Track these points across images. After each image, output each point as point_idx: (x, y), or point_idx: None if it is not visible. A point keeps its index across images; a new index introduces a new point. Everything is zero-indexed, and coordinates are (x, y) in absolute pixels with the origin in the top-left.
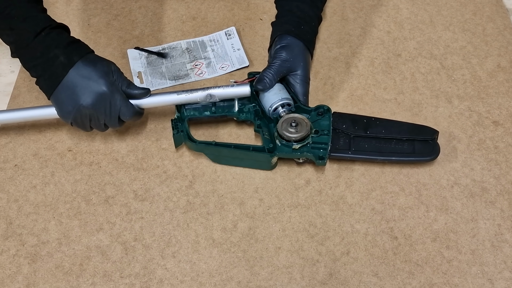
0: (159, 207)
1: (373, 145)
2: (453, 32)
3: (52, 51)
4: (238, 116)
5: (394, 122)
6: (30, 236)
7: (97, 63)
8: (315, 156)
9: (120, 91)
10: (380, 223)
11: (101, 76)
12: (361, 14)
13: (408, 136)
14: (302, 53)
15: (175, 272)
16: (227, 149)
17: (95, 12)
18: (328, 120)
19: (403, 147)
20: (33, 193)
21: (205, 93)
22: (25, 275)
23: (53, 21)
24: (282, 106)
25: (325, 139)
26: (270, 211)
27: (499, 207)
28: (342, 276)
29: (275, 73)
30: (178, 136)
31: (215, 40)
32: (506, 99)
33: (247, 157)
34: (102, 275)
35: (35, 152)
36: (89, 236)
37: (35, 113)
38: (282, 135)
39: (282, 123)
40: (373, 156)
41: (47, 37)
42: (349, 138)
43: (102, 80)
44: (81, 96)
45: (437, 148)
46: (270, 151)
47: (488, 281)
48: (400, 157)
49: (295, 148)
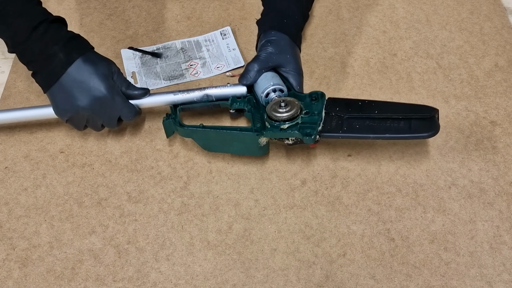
0: (153, 209)
1: (366, 125)
2: (450, 31)
3: (51, 48)
4: (231, 105)
5: (391, 103)
6: (21, 239)
7: (97, 63)
8: (303, 133)
9: (120, 93)
10: (377, 224)
11: (102, 79)
12: (356, 14)
13: (404, 115)
14: (289, 46)
15: (169, 275)
16: (215, 132)
17: (87, 12)
18: (321, 104)
19: (398, 125)
20: (24, 196)
21: (202, 93)
22: (16, 280)
23: (50, 14)
24: (273, 91)
25: (316, 119)
26: (265, 212)
27: (498, 208)
28: (338, 278)
29: (258, 65)
30: (168, 122)
31: (210, 40)
32: (503, 99)
33: (234, 139)
34: (94, 279)
35: (26, 154)
36: (82, 239)
37: (27, 113)
38: (271, 116)
39: (272, 105)
40: (365, 134)
41: (45, 33)
42: (342, 119)
43: (102, 83)
44: (80, 97)
45: (436, 124)
46: (257, 131)
47: (487, 283)
48: (395, 134)
49: (283, 128)
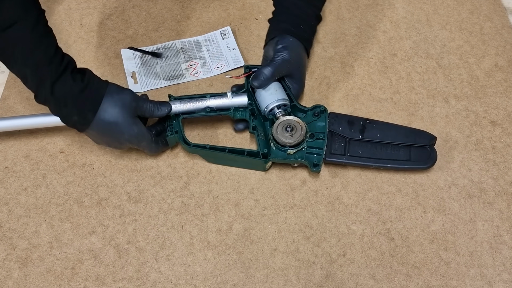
0: (153, 209)
1: (369, 150)
2: (450, 31)
3: (64, 110)
4: (233, 115)
5: (392, 125)
6: (21, 239)
7: (115, 116)
8: (310, 163)
9: (146, 134)
10: (377, 224)
11: (122, 131)
12: (356, 14)
13: (404, 142)
14: (302, 55)
15: (169, 275)
16: (222, 153)
17: (87, 12)
18: (324, 121)
19: (399, 153)
20: (24, 196)
21: (203, 105)
22: (16, 280)
23: (57, 64)
24: (278, 107)
25: (320, 144)
26: (265, 212)
27: (498, 208)
28: (338, 278)
29: (274, 71)
30: (172, 138)
31: (210, 40)
32: (503, 98)
33: (241, 160)
34: (94, 279)
35: (26, 154)
36: (81, 239)
37: (31, 121)
38: (277, 139)
39: (277, 126)
40: (368, 162)
41: (52, 93)
42: (345, 141)
43: (125, 136)
44: (112, 142)
45: (434, 155)
46: (265, 156)
47: (487, 283)
48: (395, 164)
49: (289, 153)
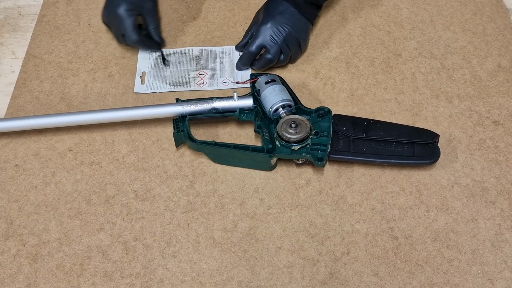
0: (160, 207)
1: (373, 147)
2: (454, 32)
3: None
4: (239, 116)
5: (395, 125)
6: (31, 236)
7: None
8: (314, 158)
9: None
10: (381, 223)
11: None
12: (361, 14)
13: (408, 139)
14: (293, 22)
15: (175, 272)
16: (227, 149)
17: (95, 12)
18: (328, 122)
19: (402, 150)
20: (34, 193)
21: (210, 106)
22: (26, 275)
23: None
24: (282, 107)
25: (325, 141)
26: (270, 211)
27: (500, 207)
28: (342, 276)
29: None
30: (178, 135)
31: (226, 52)
32: (506, 99)
33: (246, 157)
34: (102, 275)
35: (35, 152)
36: (90, 236)
37: (41, 121)
38: (281, 136)
39: (282, 124)
40: (372, 158)
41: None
42: (349, 140)
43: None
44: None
45: (437, 151)
46: (269, 151)
47: (489, 281)
48: (399, 160)
49: (294, 149)
